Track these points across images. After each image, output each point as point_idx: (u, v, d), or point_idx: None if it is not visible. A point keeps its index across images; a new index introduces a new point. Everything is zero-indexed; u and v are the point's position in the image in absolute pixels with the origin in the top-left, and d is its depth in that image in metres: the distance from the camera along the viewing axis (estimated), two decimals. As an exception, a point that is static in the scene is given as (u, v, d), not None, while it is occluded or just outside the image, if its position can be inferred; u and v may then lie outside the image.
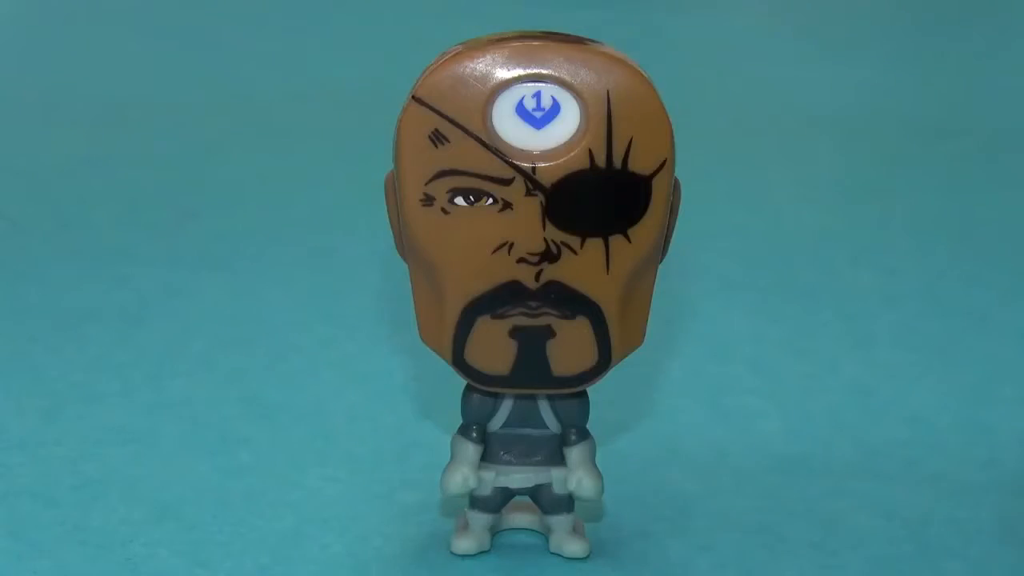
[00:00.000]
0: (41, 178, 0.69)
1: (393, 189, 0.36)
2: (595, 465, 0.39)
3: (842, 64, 0.92)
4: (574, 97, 0.35)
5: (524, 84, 0.35)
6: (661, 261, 0.37)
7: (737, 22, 1.03)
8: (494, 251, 0.36)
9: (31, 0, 1.04)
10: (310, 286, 0.57)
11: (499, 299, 0.36)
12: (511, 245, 0.36)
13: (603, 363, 0.37)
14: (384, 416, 0.47)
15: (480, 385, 0.38)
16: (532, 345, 0.37)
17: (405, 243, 0.37)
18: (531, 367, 0.37)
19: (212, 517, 0.41)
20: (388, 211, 0.37)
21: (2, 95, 0.83)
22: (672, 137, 0.35)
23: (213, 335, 0.52)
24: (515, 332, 0.37)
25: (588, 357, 0.37)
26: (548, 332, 0.37)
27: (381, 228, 0.38)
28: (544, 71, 0.35)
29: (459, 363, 0.37)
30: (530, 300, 0.36)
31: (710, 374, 0.50)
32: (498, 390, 0.38)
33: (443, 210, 0.36)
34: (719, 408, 0.48)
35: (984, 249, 0.62)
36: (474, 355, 0.37)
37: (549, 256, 0.36)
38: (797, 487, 0.43)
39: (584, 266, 0.36)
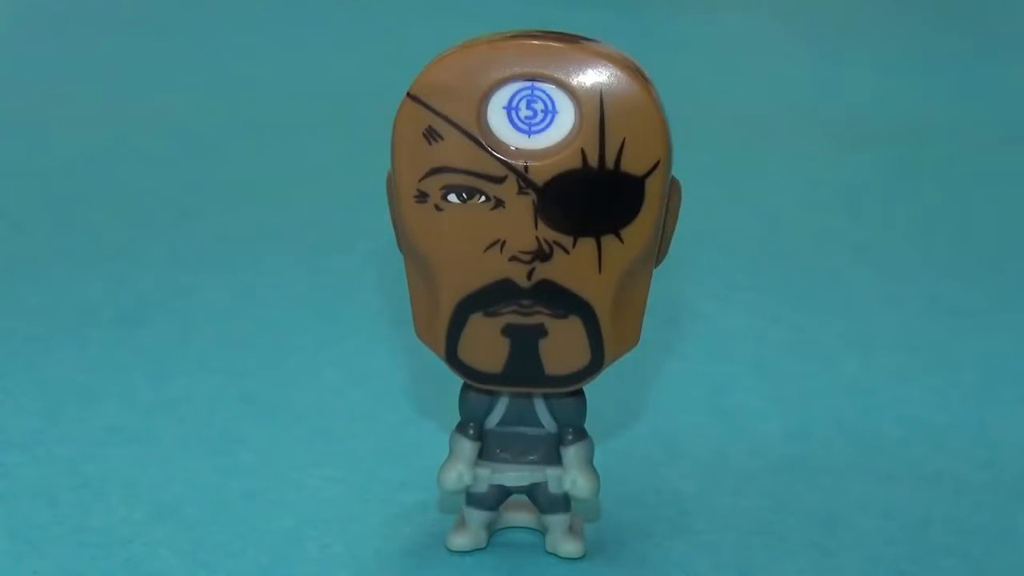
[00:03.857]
0: (41, 178, 0.69)
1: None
2: (592, 465, 0.39)
3: (842, 64, 0.92)
4: (568, 96, 0.35)
5: (518, 83, 0.35)
6: (660, 263, 0.37)
7: (737, 22, 1.03)
8: (487, 249, 0.36)
9: (31, 0, 1.04)
10: (310, 286, 0.57)
11: (492, 296, 0.36)
12: (503, 243, 0.36)
13: (596, 363, 0.37)
14: (384, 416, 0.47)
15: (473, 382, 0.38)
16: (525, 343, 0.37)
17: (400, 239, 0.37)
18: (524, 365, 0.37)
19: (212, 517, 0.41)
20: (389, 207, 0.37)
21: (2, 95, 0.83)
22: (667, 138, 0.35)
23: (213, 335, 0.52)
24: (508, 330, 0.37)
25: (581, 357, 0.37)
26: (541, 330, 0.37)
27: (381, 228, 0.38)
28: (538, 70, 0.35)
29: (452, 360, 0.37)
30: (522, 298, 0.36)
31: (710, 374, 0.50)
32: (491, 388, 0.38)
33: (437, 207, 0.36)
34: (719, 408, 0.48)
35: (984, 249, 0.62)
36: (467, 352, 0.37)
37: (541, 255, 0.36)
38: (797, 487, 0.43)
39: (576, 265, 0.36)
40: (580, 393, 0.39)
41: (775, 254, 0.61)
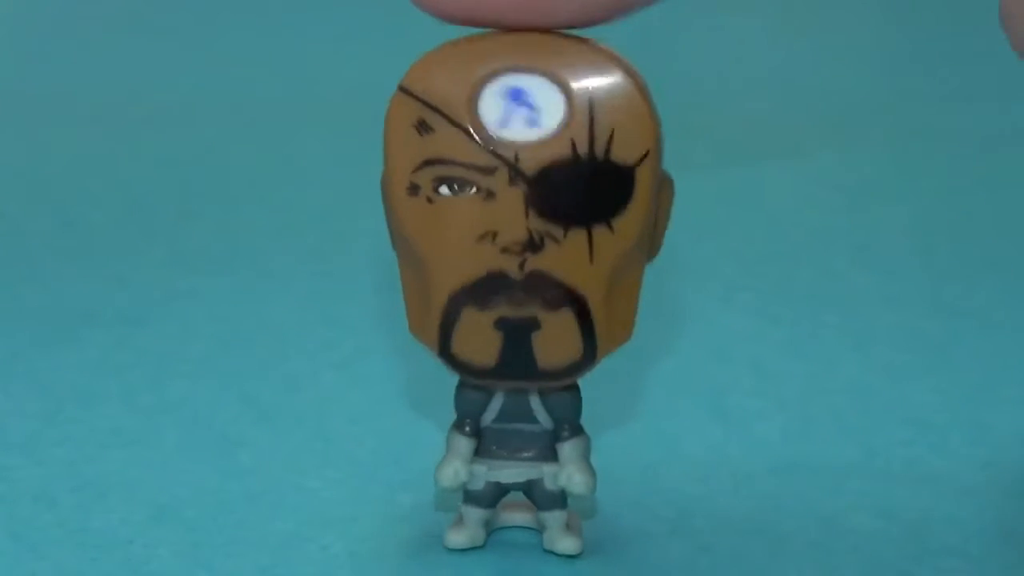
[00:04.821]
0: (41, 178, 0.69)
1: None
2: (588, 461, 0.39)
3: (842, 63, 0.92)
4: (558, 88, 0.35)
5: (508, 75, 0.35)
6: (652, 259, 0.37)
7: (737, 21, 1.03)
8: (478, 240, 0.36)
9: (31, 0, 1.04)
10: (310, 287, 0.57)
11: (484, 289, 0.37)
12: (495, 234, 0.36)
13: (589, 357, 0.37)
14: (384, 418, 0.47)
15: (467, 377, 0.38)
16: (517, 336, 0.37)
17: (393, 233, 0.37)
18: (517, 359, 0.37)
19: (212, 518, 0.41)
20: (384, 207, 0.37)
21: (2, 95, 0.83)
22: (656, 128, 0.36)
23: (213, 337, 0.52)
24: (500, 323, 0.37)
25: (573, 350, 0.37)
26: (533, 323, 0.37)
27: (382, 228, 0.38)
28: (528, 62, 0.35)
29: (445, 354, 0.37)
30: (514, 290, 0.37)
31: (710, 374, 0.50)
32: (484, 383, 0.38)
33: (428, 199, 0.36)
34: (719, 409, 0.48)
35: (984, 249, 0.62)
36: (460, 347, 0.37)
37: (532, 246, 0.36)
38: (797, 487, 0.43)
39: (567, 256, 0.36)
40: (575, 389, 0.39)
41: (775, 254, 0.61)
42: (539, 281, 0.36)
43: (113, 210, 0.64)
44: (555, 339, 0.37)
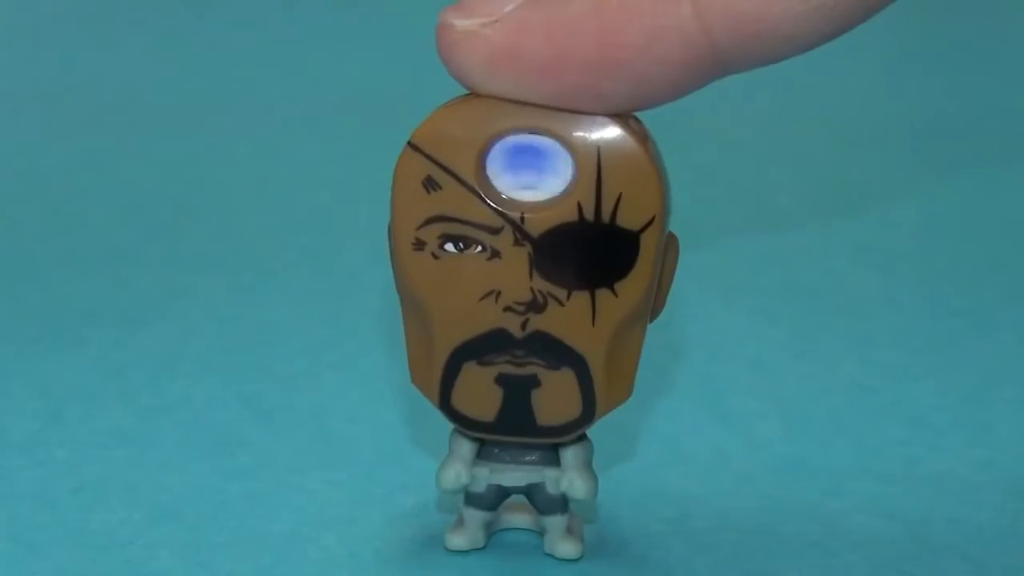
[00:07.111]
0: (41, 178, 0.68)
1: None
2: (590, 467, 0.39)
3: (843, 63, 0.91)
4: (566, 150, 0.35)
5: (518, 135, 0.36)
6: (655, 318, 0.37)
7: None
8: (481, 298, 0.36)
9: (31, 0, 1.04)
10: (310, 287, 0.57)
11: (485, 346, 0.37)
12: (498, 293, 0.36)
13: (587, 415, 0.38)
14: (384, 418, 0.47)
15: (466, 430, 0.38)
16: (517, 393, 0.37)
17: (397, 283, 0.37)
18: (516, 415, 0.38)
19: (212, 519, 0.41)
20: (390, 254, 0.37)
21: (2, 95, 0.82)
22: (663, 194, 0.36)
23: (213, 337, 0.52)
24: (501, 379, 0.37)
25: (573, 408, 0.38)
26: (533, 381, 0.37)
27: (381, 228, 0.38)
28: (538, 123, 0.35)
29: (446, 407, 0.38)
30: (516, 348, 0.37)
31: (710, 375, 0.50)
32: (484, 437, 0.39)
33: (434, 255, 0.36)
34: (719, 409, 0.48)
35: (984, 249, 0.62)
36: (460, 400, 0.38)
37: (535, 306, 0.36)
38: (797, 488, 0.43)
39: (570, 318, 0.36)
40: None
41: (775, 254, 0.61)
42: (540, 340, 0.37)
43: (113, 210, 0.64)
44: (555, 397, 0.37)
